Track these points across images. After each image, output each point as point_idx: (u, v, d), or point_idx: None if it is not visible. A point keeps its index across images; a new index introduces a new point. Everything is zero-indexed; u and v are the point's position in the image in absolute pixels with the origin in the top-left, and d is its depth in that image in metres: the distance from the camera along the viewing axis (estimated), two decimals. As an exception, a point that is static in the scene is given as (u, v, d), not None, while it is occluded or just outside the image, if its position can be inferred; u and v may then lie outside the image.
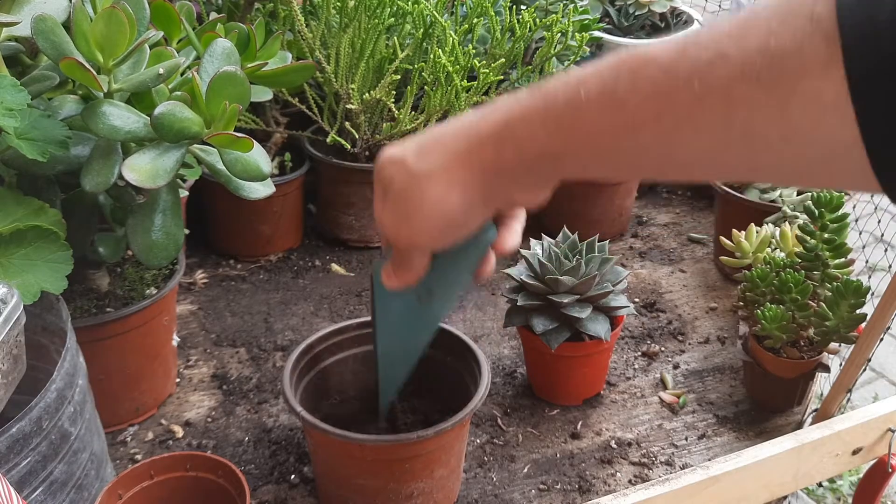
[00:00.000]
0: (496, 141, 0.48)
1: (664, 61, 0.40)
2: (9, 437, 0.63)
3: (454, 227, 0.54)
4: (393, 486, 0.81)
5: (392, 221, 0.55)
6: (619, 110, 0.42)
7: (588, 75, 0.43)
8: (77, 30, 0.73)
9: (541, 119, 0.45)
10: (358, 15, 1.16)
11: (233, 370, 1.06)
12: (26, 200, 0.76)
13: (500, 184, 0.50)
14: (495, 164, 0.49)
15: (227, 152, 0.78)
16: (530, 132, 0.46)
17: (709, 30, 0.39)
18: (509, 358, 1.09)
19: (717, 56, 0.38)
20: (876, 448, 0.96)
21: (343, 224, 1.28)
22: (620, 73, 0.42)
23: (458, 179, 0.50)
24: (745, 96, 0.37)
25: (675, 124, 0.40)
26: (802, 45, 0.35)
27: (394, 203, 0.54)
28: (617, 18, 1.68)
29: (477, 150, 0.49)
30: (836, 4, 0.34)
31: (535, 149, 0.47)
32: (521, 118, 0.47)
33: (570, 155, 0.46)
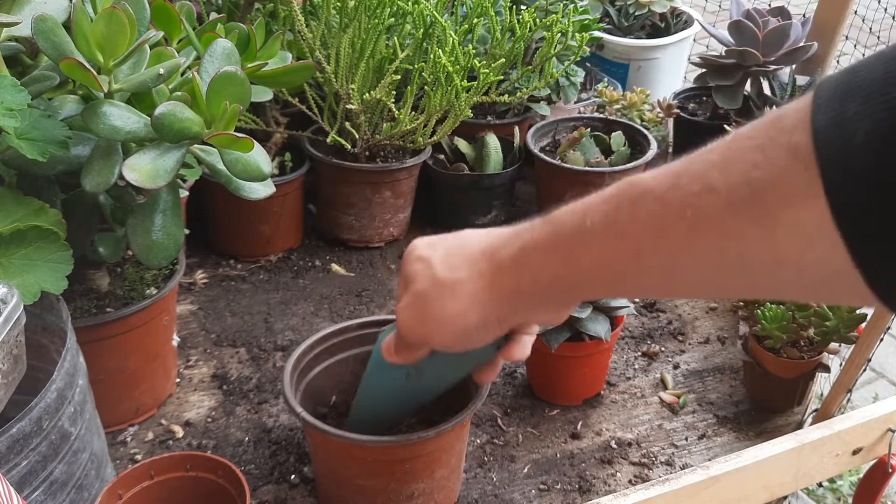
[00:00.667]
0: (514, 267, 0.51)
1: (659, 192, 0.42)
2: (9, 437, 0.63)
3: (467, 339, 0.57)
4: (393, 487, 0.81)
5: (409, 317, 0.59)
6: (620, 239, 0.44)
7: (594, 205, 0.46)
8: (77, 30, 0.73)
9: (552, 247, 0.49)
10: (358, 15, 1.16)
11: (233, 370, 1.06)
12: (26, 200, 0.76)
13: (517, 307, 0.54)
14: (514, 290, 0.52)
15: (228, 152, 0.78)
16: (543, 261, 0.49)
17: (699, 157, 0.41)
18: (509, 358, 1.09)
19: (705, 188, 0.39)
20: (876, 448, 0.96)
21: (343, 224, 1.28)
22: (621, 204, 0.44)
23: (479, 299, 0.54)
24: (734, 227, 0.38)
25: (672, 253, 0.42)
26: (784, 176, 0.36)
27: (414, 301, 0.58)
28: (617, 18, 1.68)
29: (498, 276, 0.52)
30: (813, 133, 0.34)
31: (548, 277, 0.50)
32: (534, 247, 0.50)
33: (580, 281, 0.48)
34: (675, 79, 1.72)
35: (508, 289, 0.52)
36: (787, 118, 0.36)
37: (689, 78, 1.67)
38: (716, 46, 1.51)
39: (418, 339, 0.60)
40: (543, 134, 1.39)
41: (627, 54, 1.66)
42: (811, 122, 0.35)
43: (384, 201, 1.27)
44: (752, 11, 1.39)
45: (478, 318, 0.55)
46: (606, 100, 1.45)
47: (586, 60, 1.52)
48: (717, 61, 1.43)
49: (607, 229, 0.45)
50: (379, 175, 1.24)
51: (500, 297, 0.53)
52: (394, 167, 1.24)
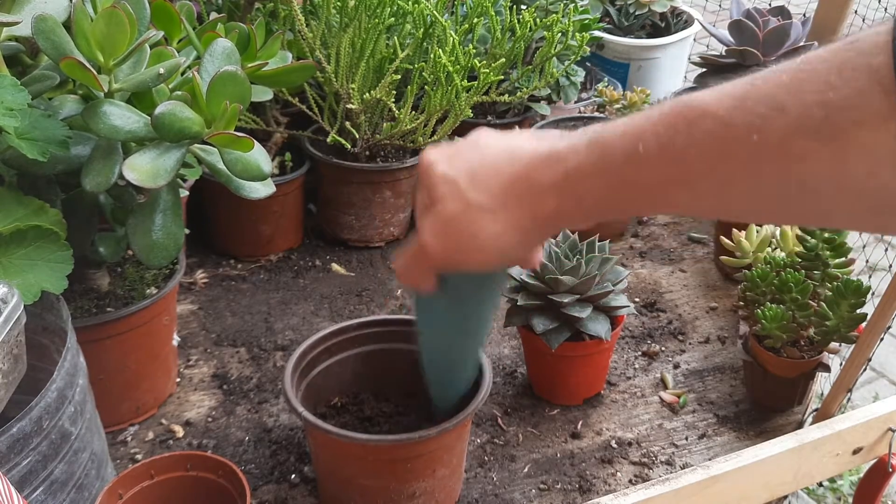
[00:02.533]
0: (557, 193, 0.50)
1: (722, 114, 0.40)
2: (9, 437, 0.63)
3: (507, 259, 0.56)
4: (395, 486, 0.81)
5: (439, 241, 0.56)
6: (677, 164, 0.42)
7: (645, 128, 0.44)
8: (77, 29, 0.73)
9: (600, 174, 0.47)
10: (358, 15, 1.16)
11: (233, 370, 1.06)
12: (27, 200, 0.76)
13: (555, 227, 0.53)
14: (555, 213, 0.50)
15: (228, 152, 0.78)
16: (590, 187, 0.48)
17: (764, 79, 0.40)
18: (509, 358, 1.09)
19: (774, 109, 0.38)
20: (876, 448, 0.96)
21: (343, 224, 1.28)
22: (678, 126, 0.42)
23: (518, 223, 0.52)
24: (802, 149, 0.37)
25: (732, 177, 0.41)
26: (861, 97, 0.35)
27: (445, 226, 0.55)
28: (617, 18, 1.68)
29: (538, 199, 0.51)
30: (893, 55, 0.34)
31: (594, 201, 0.48)
32: (580, 173, 0.48)
33: (628, 205, 0.48)
34: (676, 78, 1.72)
35: (549, 211, 0.51)
36: (865, 41, 0.36)
37: (690, 77, 1.66)
38: (716, 46, 1.51)
39: (451, 260, 0.57)
40: (543, 133, 1.38)
41: (628, 54, 1.66)
42: (893, 45, 0.34)
43: (384, 201, 1.27)
44: (752, 11, 1.39)
45: (517, 240, 0.53)
46: (607, 99, 1.45)
47: (586, 60, 1.52)
48: (717, 61, 1.43)
49: (662, 153, 0.43)
50: (379, 175, 1.24)
51: (540, 220, 0.52)
52: (394, 167, 1.24)
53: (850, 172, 0.37)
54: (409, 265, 0.61)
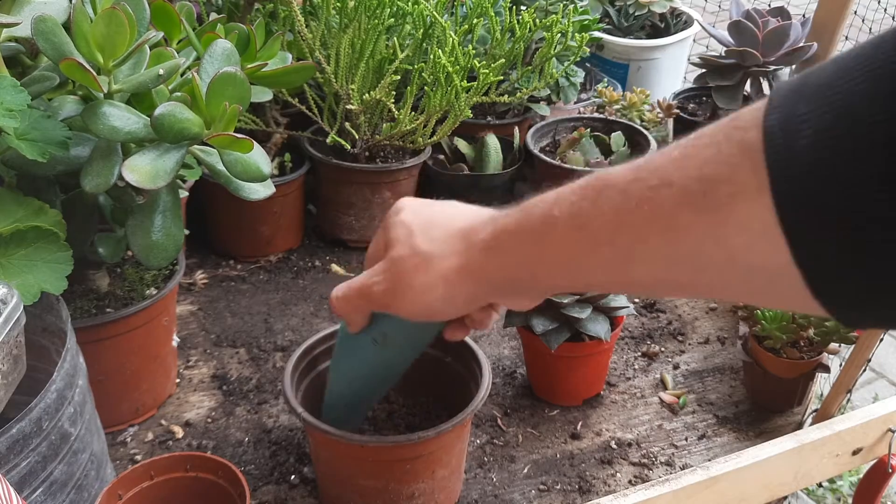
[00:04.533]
0: (485, 252, 0.52)
1: (621, 185, 0.43)
2: (9, 438, 0.63)
3: (431, 312, 0.57)
4: (394, 487, 0.81)
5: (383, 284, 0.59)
6: (581, 230, 0.45)
7: (563, 195, 0.47)
8: (77, 30, 0.73)
9: (520, 232, 0.50)
10: (358, 15, 1.16)
11: (233, 371, 1.06)
12: (26, 201, 0.76)
13: (481, 287, 0.54)
14: (479, 270, 0.53)
15: (227, 153, 0.78)
16: (511, 245, 0.50)
17: (661, 153, 0.41)
18: (509, 358, 1.09)
19: (662, 182, 0.40)
20: (876, 448, 0.96)
21: (343, 224, 1.28)
22: (586, 195, 0.45)
23: (449, 277, 0.54)
24: (687, 221, 0.39)
25: (629, 244, 0.42)
26: (733, 172, 0.36)
27: (389, 266, 0.58)
28: (617, 19, 1.68)
29: (469, 254, 0.53)
30: (764, 131, 0.35)
31: (514, 261, 0.50)
32: (504, 232, 0.51)
33: (542, 270, 0.49)
34: (675, 79, 1.72)
35: (477, 271, 0.53)
36: (744, 117, 0.37)
37: (689, 78, 1.67)
38: (715, 47, 1.51)
39: (383, 301, 0.60)
40: (543, 134, 1.39)
41: (627, 54, 1.66)
42: (763, 121, 0.36)
43: (384, 202, 1.27)
44: (751, 12, 1.39)
45: (445, 295, 0.55)
46: (606, 100, 1.45)
47: (586, 61, 1.52)
48: (716, 61, 1.43)
49: (571, 219, 0.46)
50: (379, 175, 1.24)
51: (469, 278, 0.54)
52: (394, 167, 1.24)
53: (732, 246, 0.37)
54: (348, 297, 0.63)
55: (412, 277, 0.56)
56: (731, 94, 1.41)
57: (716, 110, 1.47)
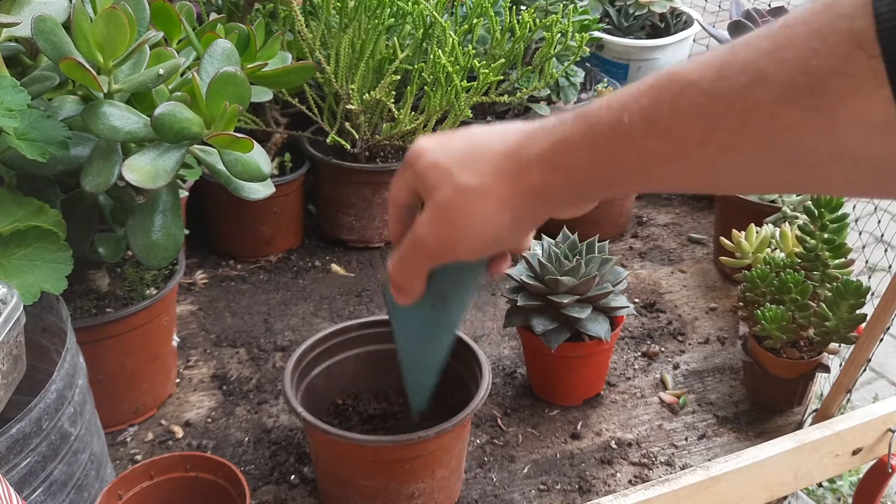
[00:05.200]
0: (543, 167, 0.49)
1: (704, 85, 0.39)
2: (9, 438, 0.63)
3: (500, 243, 0.54)
4: (394, 487, 0.81)
5: (435, 232, 0.54)
6: (663, 137, 0.42)
7: (630, 101, 0.43)
8: (77, 30, 0.73)
9: (587, 145, 0.46)
10: (358, 15, 1.16)
11: (233, 370, 1.06)
12: (26, 201, 0.76)
13: (545, 204, 0.51)
14: (543, 188, 0.49)
15: (227, 153, 0.78)
16: (577, 159, 0.47)
17: (746, 44, 0.38)
18: (509, 358, 1.09)
19: (756, 79, 0.37)
20: (876, 448, 0.96)
21: (343, 224, 1.28)
22: (661, 98, 0.42)
23: (508, 201, 0.51)
24: (789, 119, 0.36)
25: (720, 149, 0.40)
26: (845, 64, 0.34)
27: (438, 213, 0.54)
28: (617, 19, 1.68)
29: (526, 174, 0.50)
30: (875, 18, 0.33)
31: (582, 175, 0.47)
32: (567, 145, 0.47)
33: (616, 179, 0.47)
34: (675, 79, 1.72)
35: (537, 187, 0.49)
36: (843, 3, 0.34)
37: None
38: (715, 46, 1.51)
39: (442, 251, 0.55)
40: (543, 134, 1.38)
41: (627, 54, 1.66)
42: (873, 7, 0.33)
43: (384, 201, 1.27)
44: (751, 12, 1.39)
45: (509, 220, 0.52)
46: (606, 100, 1.45)
47: (586, 60, 1.52)
48: (716, 61, 1.43)
49: (648, 126, 0.42)
50: (379, 175, 1.24)
51: (528, 195, 0.50)
52: (394, 167, 1.24)
53: (843, 141, 0.36)
54: (405, 263, 0.59)
55: (467, 214, 0.52)
56: (731, 94, 1.41)
57: (716, 110, 1.47)
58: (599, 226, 1.29)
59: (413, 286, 0.60)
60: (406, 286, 0.60)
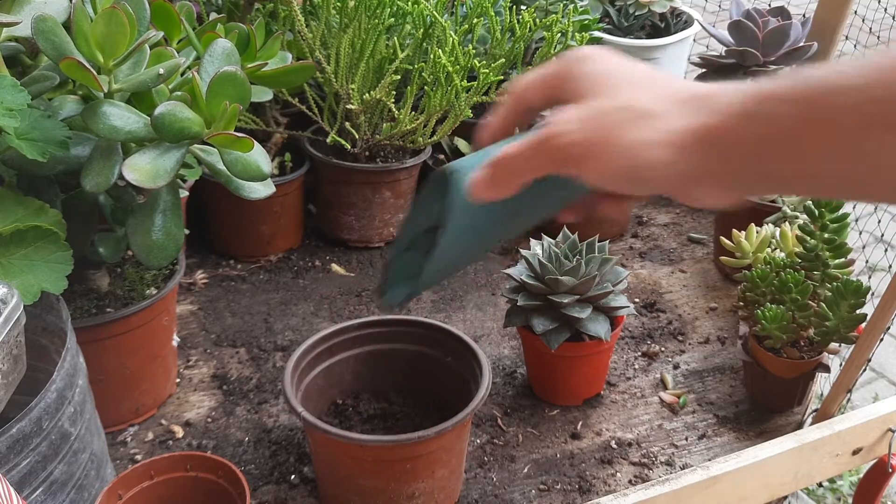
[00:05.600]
0: (744, 114, 0.42)
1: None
2: (9, 438, 0.63)
3: (629, 181, 0.46)
4: (394, 487, 0.81)
5: (583, 132, 0.46)
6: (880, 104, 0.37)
7: (845, 65, 0.39)
8: (77, 30, 0.73)
9: (799, 99, 0.40)
10: (358, 15, 1.16)
11: (233, 370, 1.06)
12: (26, 200, 0.76)
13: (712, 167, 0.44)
14: (731, 140, 0.42)
15: (228, 152, 0.78)
16: (784, 112, 0.40)
17: None
18: (509, 358, 1.09)
19: None
20: (876, 448, 0.96)
21: (343, 224, 1.28)
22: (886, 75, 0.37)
23: (679, 140, 0.44)
24: None
25: None
26: None
27: (593, 115, 0.46)
28: (617, 19, 1.68)
29: (718, 119, 0.43)
30: None
31: (777, 133, 0.41)
32: (774, 96, 0.41)
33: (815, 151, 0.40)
34: (675, 79, 1.72)
35: (724, 137, 0.43)
36: None
37: (689, 78, 1.67)
38: (716, 46, 1.51)
39: (572, 156, 0.47)
40: (543, 134, 1.39)
41: (627, 54, 1.65)
42: None
43: (384, 201, 1.27)
44: (751, 11, 1.39)
45: (664, 158, 0.44)
46: (606, 100, 1.45)
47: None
48: (717, 61, 1.43)
49: (866, 86, 0.37)
50: (379, 175, 1.24)
51: (708, 145, 0.43)
52: (394, 167, 1.24)
53: None
54: (523, 153, 0.48)
55: (625, 131, 0.45)
56: (732, 93, 1.41)
57: (716, 110, 1.47)
58: (599, 225, 1.30)
59: (511, 184, 0.50)
60: (504, 181, 0.50)
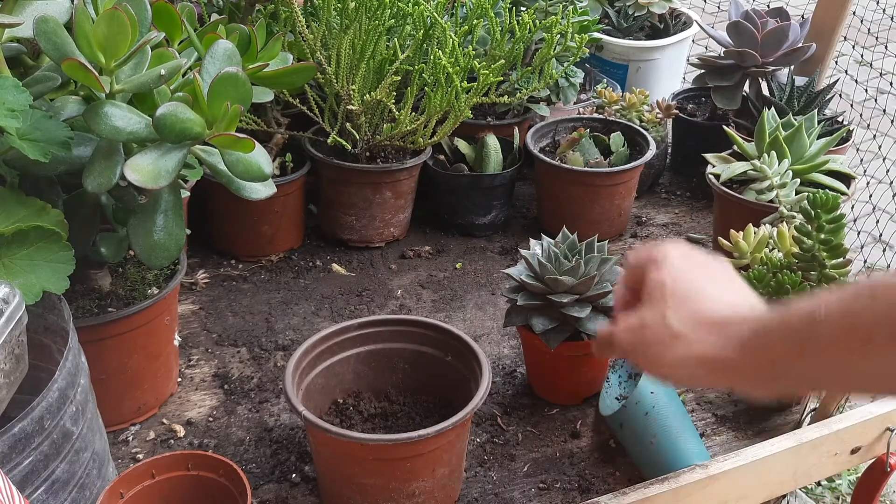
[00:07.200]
0: (740, 349, 0.53)
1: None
2: (11, 437, 0.64)
3: (669, 381, 0.64)
4: (395, 485, 0.82)
5: (629, 340, 0.60)
6: (853, 328, 0.45)
7: (827, 297, 0.48)
8: (79, 31, 0.73)
9: (781, 330, 0.50)
10: (358, 16, 1.16)
11: (234, 370, 1.06)
12: (28, 201, 0.77)
13: (728, 381, 0.57)
14: (735, 369, 0.54)
15: (229, 153, 0.79)
16: (771, 343, 0.51)
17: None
18: (509, 357, 1.10)
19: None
20: (874, 447, 0.97)
21: (344, 224, 1.29)
22: (860, 294, 0.46)
23: (699, 364, 0.55)
24: None
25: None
26: None
27: (638, 327, 0.59)
28: (616, 20, 1.68)
29: (726, 353, 0.54)
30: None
31: (771, 361, 0.51)
32: (765, 331, 0.52)
33: (805, 370, 0.50)
34: (674, 80, 1.73)
35: (730, 367, 0.54)
36: None
37: (688, 79, 1.67)
38: (715, 47, 1.52)
39: (627, 354, 0.62)
40: (543, 135, 1.39)
41: (626, 55, 1.66)
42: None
43: (385, 202, 1.27)
44: (750, 12, 1.39)
45: (692, 375, 0.56)
46: (606, 101, 1.45)
47: (585, 61, 1.52)
48: (715, 62, 1.43)
49: (840, 318, 0.46)
50: (379, 175, 1.25)
51: (720, 371, 0.55)
52: (394, 168, 1.24)
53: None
54: (602, 339, 0.64)
55: (663, 352, 0.57)
56: (730, 94, 1.42)
57: (714, 111, 1.48)
58: (599, 225, 1.30)
59: (605, 351, 0.65)
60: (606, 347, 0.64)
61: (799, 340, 0.49)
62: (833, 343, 0.47)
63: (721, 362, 0.54)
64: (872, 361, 0.45)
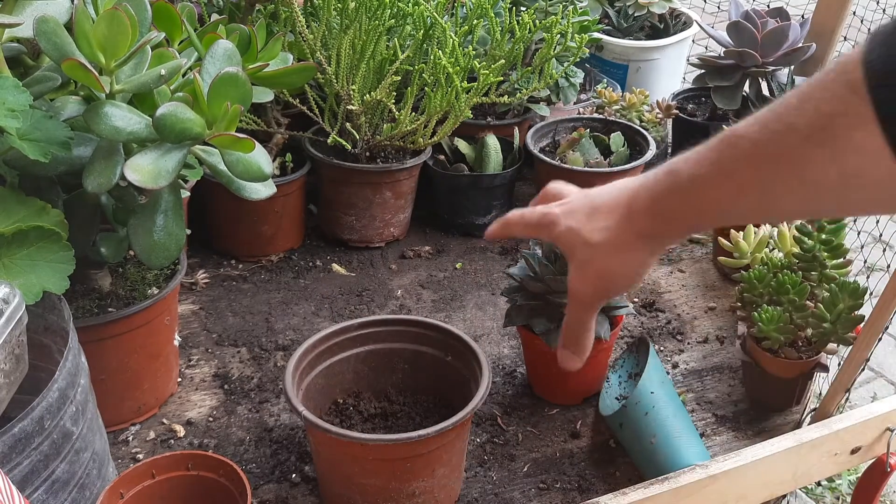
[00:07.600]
0: (647, 216, 0.59)
1: (752, 136, 0.50)
2: (11, 437, 0.64)
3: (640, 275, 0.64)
4: (395, 485, 0.82)
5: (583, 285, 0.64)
6: (728, 179, 0.53)
7: (702, 154, 0.55)
8: (79, 31, 0.73)
9: (677, 195, 0.57)
10: (359, 16, 1.16)
11: (234, 370, 1.06)
12: (28, 201, 0.77)
13: (658, 242, 0.62)
14: (651, 231, 0.60)
15: (229, 153, 0.79)
16: (669, 205, 0.58)
17: (781, 103, 0.49)
18: (509, 357, 1.10)
19: (787, 126, 0.48)
20: (874, 447, 0.97)
21: (344, 224, 1.29)
22: (724, 150, 0.53)
23: (632, 245, 0.61)
24: (810, 155, 0.47)
25: (766, 184, 0.51)
26: (845, 107, 0.44)
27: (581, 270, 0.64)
28: (616, 20, 1.68)
29: (637, 223, 0.60)
30: (864, 68, 0.43)
31: (675, 217, 0.59)
32: (660, 196, 0.58)
33: (700, 217, 0.58)
34: (674, 80, 1.73)
35: (645, 230, 0.60)
36: (845, 60, 0.45)
37: (688, 79, 1.67)
38: (715, 47, 1.52)
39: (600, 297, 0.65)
40: (543, 135, 1.39)
41: (626, 55, 1.66)
42: (863, 58, 0.43)
43: (385, 202, 1.27)
44: (750, 12, 1.39)
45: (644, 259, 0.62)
46: (606, 101, 1.45)
47: (585, 61, 1.52)
48: (715, 62, 1.43)
49: (715, 173, 0.54)
50: (379, 175, 1.25)
51: (645, 238, 0.61)
52: (394, 168, 1.24)
53: (848, 168, 0.45)
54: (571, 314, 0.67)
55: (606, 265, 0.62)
56: (730, 94, 1.42)
57: (715, 111, 1.48)
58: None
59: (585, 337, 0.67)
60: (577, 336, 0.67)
61: (694, 197, 0.56)
62: (718, 193, 0.54)
63: (644, 236, 0.60)
64: (746, 202, 0.52)
